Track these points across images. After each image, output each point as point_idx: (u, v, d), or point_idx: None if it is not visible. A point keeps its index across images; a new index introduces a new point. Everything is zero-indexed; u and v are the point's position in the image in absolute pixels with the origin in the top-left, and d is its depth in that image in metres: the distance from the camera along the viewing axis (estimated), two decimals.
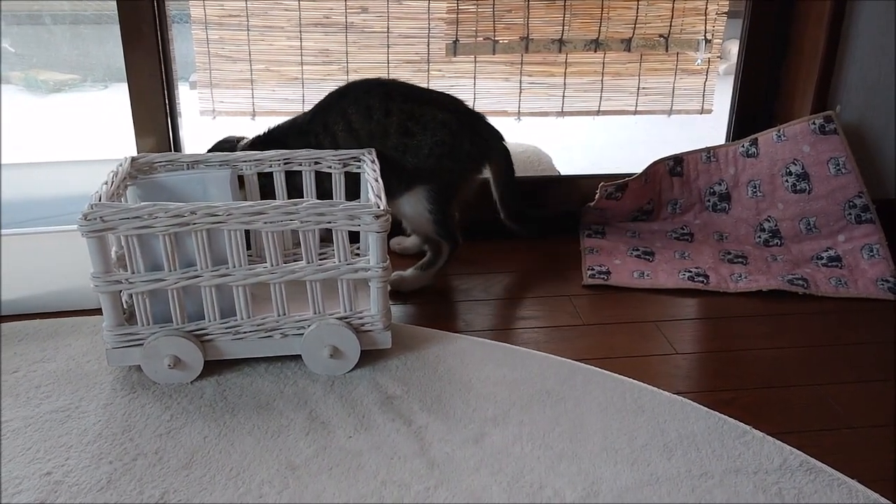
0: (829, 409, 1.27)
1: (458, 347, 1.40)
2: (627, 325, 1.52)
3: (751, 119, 1.99)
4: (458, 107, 1.62)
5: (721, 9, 2.00)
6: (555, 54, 2.01)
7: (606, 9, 1.98)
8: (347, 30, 1.91)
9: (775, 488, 1.07)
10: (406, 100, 1.57)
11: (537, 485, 1.07)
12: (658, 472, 1.10)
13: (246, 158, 1.50)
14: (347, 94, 1.58)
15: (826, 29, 1.80)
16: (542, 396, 1.26)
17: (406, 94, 1.59)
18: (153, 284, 1.23)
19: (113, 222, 1.18)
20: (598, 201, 1.89)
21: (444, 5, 1.92)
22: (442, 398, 1.25)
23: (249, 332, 1.30)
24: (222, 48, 1.92)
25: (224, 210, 1.21)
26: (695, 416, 1.22)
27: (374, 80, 1.63)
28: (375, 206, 1.25)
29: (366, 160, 1.49)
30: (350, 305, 1.31)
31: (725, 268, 1.72)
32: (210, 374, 1.30)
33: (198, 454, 1.12)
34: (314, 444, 1.14)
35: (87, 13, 3.34)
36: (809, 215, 1.81)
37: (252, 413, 1.21)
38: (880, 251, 1.74)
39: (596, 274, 1.69)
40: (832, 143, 1.79)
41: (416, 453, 1.12)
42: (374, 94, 1.57)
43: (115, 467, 1.09)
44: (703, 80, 2.08)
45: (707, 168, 1.92)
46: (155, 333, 1.26)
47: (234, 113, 1.98)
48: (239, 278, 1.25)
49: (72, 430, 1.17)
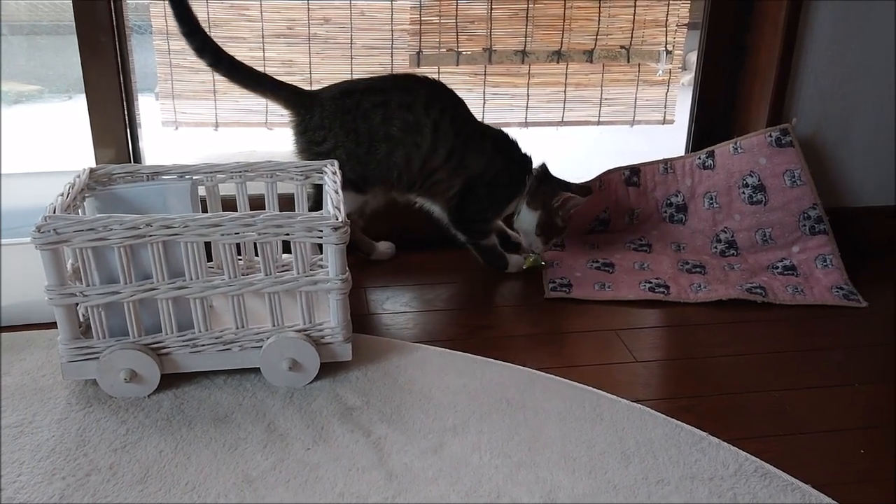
0: (784, 415, 1.29)
1: (418, 357, 1.40)
2: (587, 334, 1.53)
3: (709, 130, 2.01)
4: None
5: (681, 20, 2.03)
6: (518, 65, 2.02)
7: (568, 20, 2.00)
8: (311, 41, 1.91)
9: (730, 494, 1.08)
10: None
11: (495, 494, 1.07)
12: (615, 480, 1.11)
13: (206, 169, 1.49)
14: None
15: (781, 39, 1.83)
16: (502, 405, 1.26)
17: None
18: (108, 297, 1.22)
19: (67, 234, 1.17)
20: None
21: (408, 16, 1.93)
22: (402, 409, 1.25)
23: (207, 344, 1.29)
24: (185, 59, 1.90)
25: (180, 222, 1.20)
26: (653, 423, 1.23)
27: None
28: (334, 218, 1.25)
29: (327, 171, 1.48)
30: (309, 318, 1.31)
31: (685, 278, 1.74)
32: (168, 388, 1.28)
33: (153, 469, 1.11)
34: (271, 456, 1.13)
35: (43, 23, 3.30)
36: (765, 226, 1.84)
37: (209, 426, 1.20)
38: (833, 261, 1.78)
39: (557, 287, 1.70)
40: (788, 155, 1.83)
41: (375, 464, 1.12)
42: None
43: (68, 483, 1.07)
44: (664, 91, 2.10)
45: (664, 179, 1.94)
46: (111, 347, 1.25)
47: (197, 124, 1.96)
48: (196, 291, 1.24)
49: (24, 445, 1.15)
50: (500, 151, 1.72)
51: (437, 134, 1.64)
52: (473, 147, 1.68)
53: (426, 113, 1.64)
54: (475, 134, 1.70)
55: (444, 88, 1.70)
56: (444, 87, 1.70)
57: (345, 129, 1.62)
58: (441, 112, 1.65)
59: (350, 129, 1.62)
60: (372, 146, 1.63)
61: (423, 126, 1.63)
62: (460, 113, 1.69)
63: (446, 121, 1.65)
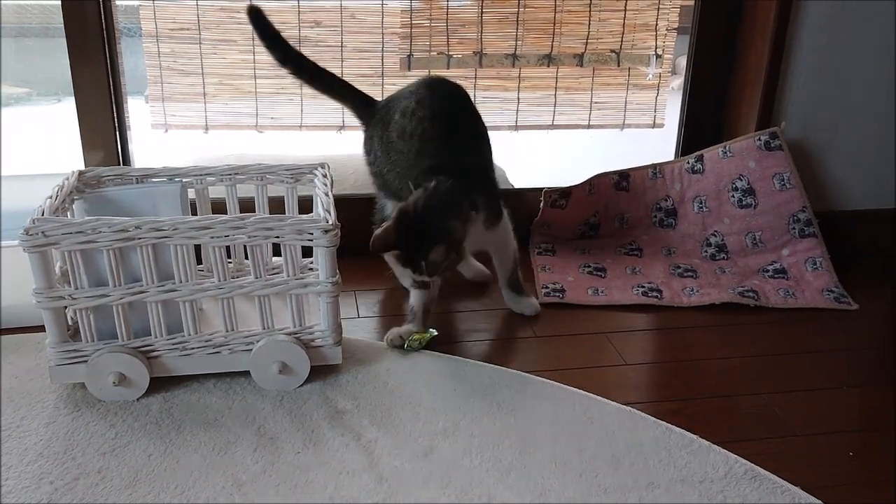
0: (774, 418, 1.29)
1: (409, 361, 1.40)
2: (578, 338, 1.54)
3: (699, 134, 2.02)
4: None
5: (671, 24, 2.04)
6: (508, 69, 2.03)
7: (559, 24, 2.00)
8: (301, 44, 1.91)
9: (720, 496, 1.09)
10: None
11: (486, 497, 1.07)
12: (606, 483, 1.10)
13: (196, 172, 1.48)
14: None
15: (770, 43, 1.84)
16: (493, 409, 1.26)
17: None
18: (97, 300, 1.21)
19: (55, 237, 1.16)
20: (543, 211, 1.90)
21: (399, 20, 1.93)
22: (392, 412, 1.25)
23: (197, 348, 1.28)
24: (174, 61, 1.90)
25: (170, 225, 1.19)
26: (643, 426, 1.23)
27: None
28: (325, 221, 1.25)
29: (317, 174, 1.48)
30: (299, 321, 1.30)
31: (677, 282, 1.75)
32: (157, 391, 1.28)
33: (142, 473, 1.10)
34: (262, 459, 1.13)
35: (32, 25, 3.29)
36: (755, 230, 1.85)
37: (199, 430, 1.19)
38: (823, 263, 1.79)
39: (551, 292, 1.69)
40: (777, 158, 1.83)
41: (365, 468, 1.12)
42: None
43: (56, 487, 1.07)
44: (654, 95, 2.11)
45: (654, 184, 1.95)
46: (99, 350, 1.24)
47: (187, 126, 1.96)
48: (185, 294, 1.24)
49: (12, 449, 1.14)
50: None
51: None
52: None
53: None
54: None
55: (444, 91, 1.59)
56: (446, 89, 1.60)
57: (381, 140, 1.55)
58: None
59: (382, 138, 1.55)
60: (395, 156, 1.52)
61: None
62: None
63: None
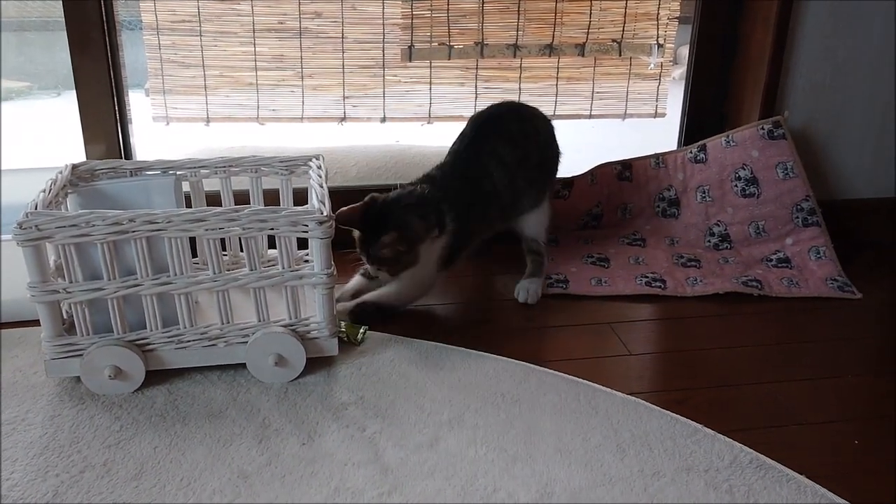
0: (779, 406, 1.29)
1: (412, 352, 1.40)
2: (582, 328, 1.53)
3: (702, 123, 2.01)
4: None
5: (672, 14, 2.03)
6: (510, 59, 2.02)
7: (560, 14, 2.00)
8: (302, 35, 1.90)
9: (726, 485, 1.08)
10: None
11: (491, 488, 1.07)
12: (611, 473, 1.10)
13: (190, 164, 1.48)
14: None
15: (773, 32, 1.83)
16: (497, 399, 1.26)
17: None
18: (92, 294, 1.21)
19: (49, 231, 1.16)
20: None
21: (399, 10, 1.93)
22: (396, 403, 1.25)
23: (192, 341, 1.27)
24: (175, 54, 1.90)
25: (164, 217, 1.19)
26: (647, 415, 1.23)
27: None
28: (319, 212, 1.24)
29: (312, 166, 1.48)
30: (295, 313, 1.30)
31: (680, 272, 1.74)
32: (161, 383, 1.28)
33: (147, 465, 1.10)
34: (266, 451, 1.13)
35: (32, 19, 3.28)
36: (758, 219, 1.84)
37: (203, 422, 1.19)
38: (826, 252, 1.78)
39: (554, 283, 1.69)
40: (780, 147, 1.83)
41: (370, 459, 1.12)
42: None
43: (62, 480, 1.07)
44: (656, 85, 2.11)
45: (656, 174, 1.94)
46: (95, 343, 1.23)
47: (188, 119, 1.96)
48: (180, 286, 1.23)
49: (17, 443, 1.14)
50: None
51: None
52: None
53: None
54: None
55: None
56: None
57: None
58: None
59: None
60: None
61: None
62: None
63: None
